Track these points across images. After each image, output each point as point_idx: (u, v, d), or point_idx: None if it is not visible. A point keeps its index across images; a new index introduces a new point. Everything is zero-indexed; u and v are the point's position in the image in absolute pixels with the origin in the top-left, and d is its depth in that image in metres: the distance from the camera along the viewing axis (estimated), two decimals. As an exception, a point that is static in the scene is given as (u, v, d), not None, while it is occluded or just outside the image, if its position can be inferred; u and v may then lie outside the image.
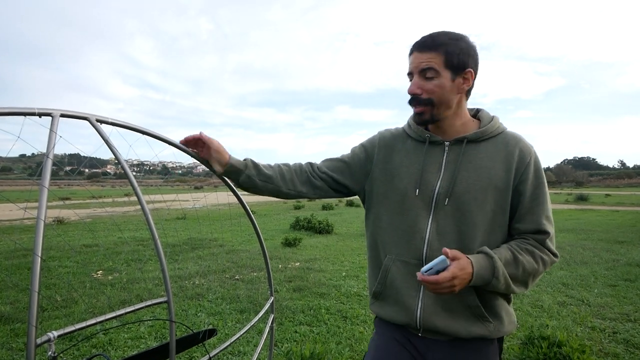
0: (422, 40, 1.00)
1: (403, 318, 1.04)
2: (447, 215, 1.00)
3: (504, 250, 0.97)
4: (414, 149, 1.08)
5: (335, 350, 2.82)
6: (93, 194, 6.83)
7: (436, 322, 1.00)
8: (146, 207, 1.02)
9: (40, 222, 0.74)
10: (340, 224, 11.02)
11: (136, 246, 7.29)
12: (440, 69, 0.98)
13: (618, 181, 79.37)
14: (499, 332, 1.01)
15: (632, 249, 7.06)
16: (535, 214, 0.99)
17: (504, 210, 1.00)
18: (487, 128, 1.03)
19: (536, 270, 0.98)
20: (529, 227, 1.00)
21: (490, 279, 0.93)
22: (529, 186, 0.99)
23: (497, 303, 1.02)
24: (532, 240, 1.00)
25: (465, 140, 1.03)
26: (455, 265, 0.88)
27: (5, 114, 0.78)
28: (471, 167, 1.01)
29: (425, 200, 1.03)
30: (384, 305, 1.10)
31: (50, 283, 4.57)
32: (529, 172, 0.99)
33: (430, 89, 0.99)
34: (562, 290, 4.42)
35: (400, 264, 1.04)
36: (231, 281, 4.78)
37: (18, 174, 68.09)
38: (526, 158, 1.00)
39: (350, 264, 5.74)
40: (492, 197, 0.99)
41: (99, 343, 2.93)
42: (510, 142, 1.02)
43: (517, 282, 0.97)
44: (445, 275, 0.87)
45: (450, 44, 0.98)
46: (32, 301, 0.73)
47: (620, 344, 2.98)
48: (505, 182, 0.99)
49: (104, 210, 13.63)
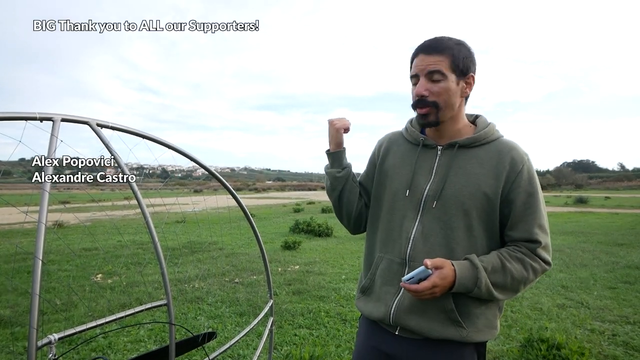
0: (428, 43, 1.01)
1: (379, 314, 1.07)
2: (433, 218, 1.02)
3: (492, 257, 0.98)
4: (408, 151, 1.11)
5: (335, 353, 2.81)
6: (93, 198, 6.81)
7: (408, 321, 1.02)
8: (146, 210, 1.03)
9: (42, 226, 0.75)
10: (339, 227, 11.00)
11: (136, 249, 7.28)
12: (447, 72, 0.99)
13: (617, 184, 79.38)
14: (471, 339, 1.00)
15: (631, 251, 7.05)
16: (528, 222, 0.99)
17: (491, 217, 1.01)
18: (481, 134, 1.04)
19: (526, 278, 0.98)
20: (520, 235, 1.00)
21: (472, 288, 0.95)
22: (521, 194, 0.99)
23: (475, 310, 1.01)
24: (524, 248, 1.00)
25: (457, 145, 1.04)
26: (437, 275, 0.92)
27: (7, 119, 0.79)
28: (461, 173, 1.02)
29: (414, 201, 1.05)
30: (367, 300, 1.13)
31: (50, 286, 4.57)
32: (521, 180, 0.99)
33: (437, 92, 1.00)
34: (562, 293, 4.42)
35: (386, 261, 1.08)
36: (231, 284, 4.77)
37: (18, 177, 67.69)
38: (518, 166, 1.00)
39: (350, 267, 5.74)
40: (479, 203, 0.99)
41: (99, 346, 2.93)
42: (504, 149, 1.02)
43: (505, 289, 0.98)
44: (426, 285, 0.91)
45: (455, 48, 1.00)
46: (33, 304, 0.74)
47: (619, 346, 2.98)
48: (494, 190, 0.99)
49: (104, 214, 13.62)
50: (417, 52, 1.03)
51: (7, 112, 0.79)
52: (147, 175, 1.99)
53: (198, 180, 13.44)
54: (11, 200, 1.33)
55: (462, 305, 1.00)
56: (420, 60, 1.00)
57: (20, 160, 2.88)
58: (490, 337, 1.03)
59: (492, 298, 0.98)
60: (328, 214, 16.31)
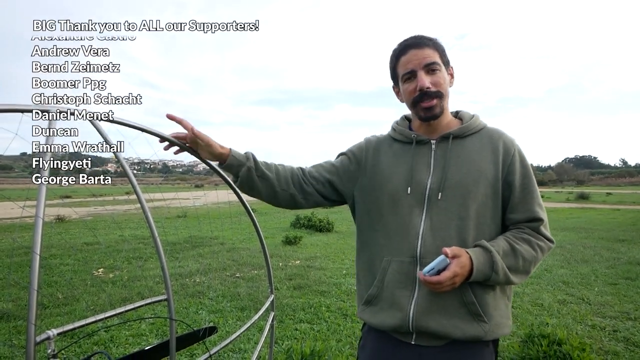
0: (414, 39, 1.03)
1: (394, 321, 1.01)
2: (440, 210, 1.00)
3: (501, 241, 0.98)
4: (401, 150, 1.10)
5: (336, 348, 2.82)
6: (93, 192, 6.84)
7: (429, 323, 0.98)
8: (145, 205, 1.02)
9: (39, 220, 0.74)
10: (340, 222, 11.03)
11: (137, 244, 7.30)
12: (440, 63, 1.02)
13: (619, 180, 79.26)
14: (493, 334, 0.99)
15: (632, 247, 7.05)
16: (528, 203, 1.02)
17: (496, 202, 1.02)
18: (470, 124, 1.07)
19: (535, 258, 0.99)
20: (523, 216, 1.02)
21: (490, 274, 0.94)
22: (517, 177, 1.02)
23: (493, 303, 1.00)
24: (527, 229, 1.02)
25: (451, 136, 1.05)
26: (455, 264, 0.90)
27: (3, 111, 0.78)
28: (460, 162, 1.03)
29: (418, 197, 1.03)
30: (375, 311, 1.06)
31: (52, 281, 4.59)
32: (515, 163, 1.02)
33: (437, 82, 1.01)
34: (563, 289, 4.42)
35: (396, 264, 1.03)
36: (232, 279, 4.79)
37: (19, 172, 67.94)
38: (511, 150, 1.03)
39: (351, 262, 5.75)
40: (483, 189, 1.00)
41: (100, 340, 2.94)
42: (494, 136, 1.06)
43: (518, 272, 0.98)
44: (447, 275, 0.89)
45: (436, 41, 1.04)
46: (31, 299, 0.73)
47: (620, 342, 2.98)
48: (494, 174, 1.01)
49: (105, 209, 13.66)
50: (404, 50, 1.03)
51: (4, 105, 0.77)
52: (147, 169, 1.97)
53: (199, 175, 13.45)
54: (13, 195, 1.33)
55: (478, 296, 0.98)
56: (413, 55, 1.01)
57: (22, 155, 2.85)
58: (507, 330, 1.02)
59: (508, 282, 0.97)
60: (329, 209, 16.32)
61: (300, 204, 1.15)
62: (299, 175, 1.15)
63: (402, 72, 1.03)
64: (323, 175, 1.15)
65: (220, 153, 1.07)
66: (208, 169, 1.19)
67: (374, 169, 1.10)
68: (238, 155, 1.08)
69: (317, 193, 1.15)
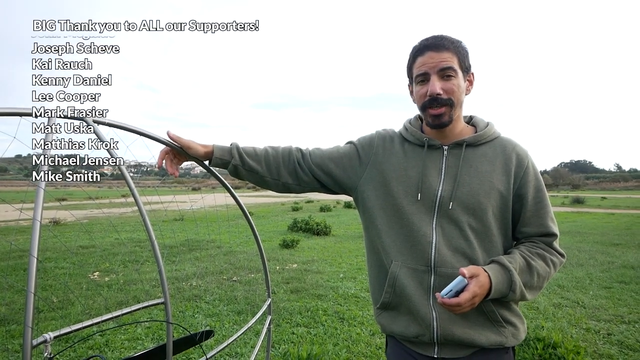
0: (434, 40, 0.97)
1: (417, 329, 0.98)
2: (451, 219, 0.98)
3: (517, 257, 0.96)
4: (412, 152, 1.05)
5: (333, 352, 2.82)
6: (90, 195, 6.77)
7: (454, 331, 0.95)
8: (143, 208, 1.03)
9: (37, 223, 0.74)
10: (338, 226, 11.02)
11: (133, 247, 7.26)
12: (457, 69, 0.96)
13: (614, 184, 79.83)
14: (514, 339, 0.99)
15: (627, 251, 7.09)
16: (541, 217, 0.99)
17: (506, 214, 0.99)
18: (484, 132, 1.03)
19: (548, 274, 0.98)
20: (536, 230, 1.00)
21: (507, 292, 0.92)
22: (530, 190, 0.99)
23: (510, 308, 1.00)
24: (541, 244, 1.00)
25: (464, 144, 1.01)
26: (474, 284, 0.87)
27: (2, 114, 0.78)
28: (472, 172, 0.99)
29: (427, 204, 0.99)
30: (394, 316, 1.04)
31: (47, 284, 4.55)
32: (528, 175, 0.99)
33: (449, 89, 0.96)
34: (558, 292, 4.44)
35: (408, 270, 0.99)
36: (229, 283, 4.77)
37: (14, 174, 67.68)
38: (524, 162, 1.00)
39: (348, 266, 5.75)
40: (495, 200, 0.98)
41: (96, 344, 2.92)
42: (507, 146, 1.02)
43: (532, 288, 0.96)
44: (466, 297, 0.85)
45: (458, 44, 0.97)
46: (28, 302, 0.73)
47: (614, 345, 3.00)
48: (506, 186, 0.98)
49: (101, 212, 13.57)
50: (422, 50, 0.97)
51: (3, 108, 0.78)
52: (145, 172, 1.97)
53: (196, 178, 13.39)
54: (8, 197, 1.31)
55: (496, 304, 0.97)
56: (429, 58, 0.95)
57: (17, 157, 2.84)
58: (524, 334, 1.02)
59: (523, 299, 0.95)
60: (326, 212, 16.31)
61: (294, 190, 1.14)
62: (296, 160, 1.11)
63: (416, 74, 0.99)
64: (326, 164, 1.11)
65: (205, 152, 1.07)
66: (205, 172, 1.19)
67: (382, 167, 1.06)
68: (222, 155, 1.07)
69: (315, 180, 1.12)
